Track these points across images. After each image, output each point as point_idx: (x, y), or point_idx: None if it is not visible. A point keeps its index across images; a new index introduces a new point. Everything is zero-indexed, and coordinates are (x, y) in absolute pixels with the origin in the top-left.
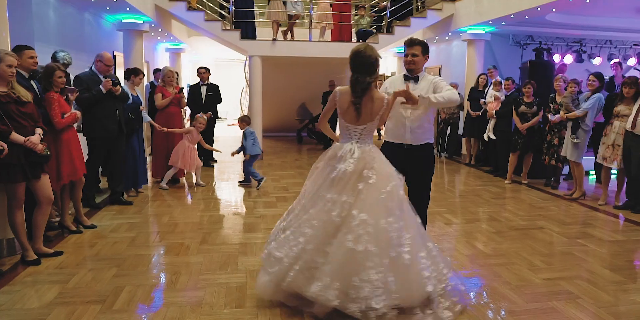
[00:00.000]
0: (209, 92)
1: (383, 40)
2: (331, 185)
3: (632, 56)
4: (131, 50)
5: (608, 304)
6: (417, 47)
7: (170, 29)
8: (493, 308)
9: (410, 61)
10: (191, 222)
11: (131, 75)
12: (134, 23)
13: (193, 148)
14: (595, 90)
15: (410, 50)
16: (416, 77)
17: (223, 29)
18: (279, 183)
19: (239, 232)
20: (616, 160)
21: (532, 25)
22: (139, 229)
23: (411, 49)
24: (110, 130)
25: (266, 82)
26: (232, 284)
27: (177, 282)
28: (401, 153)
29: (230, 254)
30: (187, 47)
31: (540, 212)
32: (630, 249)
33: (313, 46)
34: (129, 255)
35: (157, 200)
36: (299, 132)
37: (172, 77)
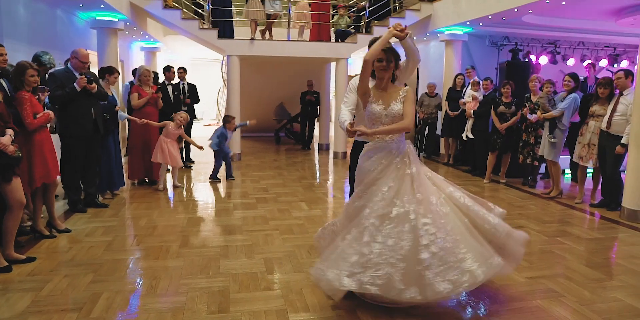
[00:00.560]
0: (175, 92)
1: (362, 40)
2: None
3: (603, 57)
4: (105, 48)
5: (590, 301)
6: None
7: (146, 27)
8: (479, 308)
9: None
10: (170, 224)
11: (105, 74)
12: (109, 21)
13: (172, 142)
14: (571, 91)
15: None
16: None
17: (200, 28)
18: (259, 184)
19: (219, 234)
20: (592, 159)
21: (509, 27)
22: (115, 232)
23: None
24: (86, 130)
25: (244, 81)
26: (214, 288)
27: (157, 288)
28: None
29: (211, 258)
30: (162, 46)
31: (519, 211)
32: (607, 246)
33: (291, 46)
34: (106, 260)
35: (134, 203)
36: (277, 133)
37: (149, 76)
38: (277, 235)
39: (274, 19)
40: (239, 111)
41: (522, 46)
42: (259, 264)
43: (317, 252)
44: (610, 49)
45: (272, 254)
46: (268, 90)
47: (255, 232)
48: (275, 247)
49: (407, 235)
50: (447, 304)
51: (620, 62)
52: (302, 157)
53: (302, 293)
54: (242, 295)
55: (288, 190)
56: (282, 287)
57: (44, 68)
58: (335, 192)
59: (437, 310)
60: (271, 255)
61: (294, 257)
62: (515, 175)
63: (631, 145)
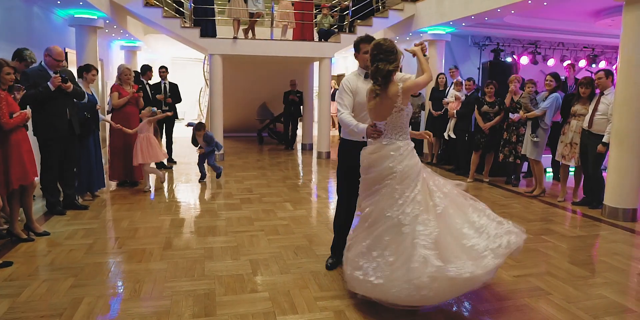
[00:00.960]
0: (153, 91)
1: (345, 39)
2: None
3: (582, 58)
4: (84, 47)
5: (576, 298)
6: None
7: (126, 25)
8: (468, 307)
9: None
10: (152, 226)
11: (83, 72)
12: (87, 18)
13: (147, 137)
14: (553, 90)
15: (368, 46)
16: None
17: (182, 26)
18: (242, 184)
19: (203, 236)
20: (574, 158)
21: (491, 27)
22: (96, 235)
23: (369, 46)
24: (60, 130)
25: (226, 81)
26: (199, 291)
27: (141, 291)
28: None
29: (196, 260)
30: (143, 45)
31: (503, 210)
32: (590, 243)
33: (275, 45)
34: (87, 263)
35: (116, 204)
36: (260, 133)
37: (129, 75)
38: (262, 236)
39: (257, 17)
40: (221, 111)
41: (504, 46)
42: (244, 265)
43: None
44: (589, 50)
45: (258, 255)
46: (251, 89)
47: (240, 233)
48: (260, 248)
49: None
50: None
51: (599, 63)
52: (286, 157)
53: (290, 295)
54: (228, 298)
55: (272, 190)
56: (269, 289)
57: (26, 63)
58: (319, 192)
59: (426, 310)
60: (257, 257)
61: (280, 258)
62: (498, 174)
63: (612, 144)
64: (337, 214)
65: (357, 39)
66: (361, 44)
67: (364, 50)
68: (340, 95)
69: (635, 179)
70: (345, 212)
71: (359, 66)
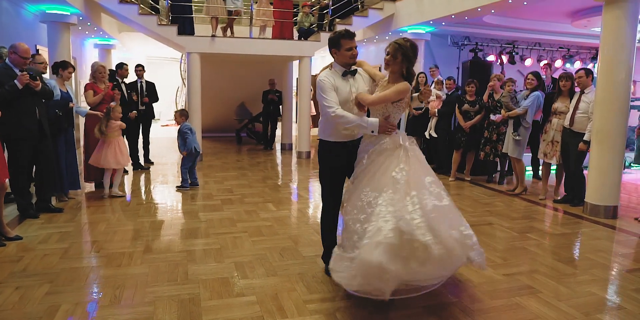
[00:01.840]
0: (129, 90)
1: (325, 38)
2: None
3: (558, 58)
4: (57, 44)
5: (567, 296)
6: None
7: (100, 23)
8: (461, 307)
9: (356, 54)
10: (131, 229)
11: (59, 68)
12: (60, 14)
13: (120, 141)
14: (534, 89)
15: (353, 42)
16: (354, 70)
17: (159, 24)
18: (223, 185)
19: (184, 238)
20: (555, 156)
21: (470, 27)
22: (72, 238)
23: (353, 42)
24: (30, 130)
25: (204, 80)
26: (183, 296)
27: (121, 297)
28: (345, 151)
29: (178, 263)
30: (117, 43)
31: (486, 208)
32: (574, 241)
33: (254, 43)
34: (63, 269)
35: (92, 206)
36: (238, 132)
37: (104, 72)
38: (246, 237)
39: (236, 16)
40: (199, 111)
41: (482, 46)
42: (229, 268)
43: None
44: (565, 50)
45: (243, 257)
46: (229, 89)
47: (223, 235)
48: (245, 250)
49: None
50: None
51: (574, 63)
52: (265, 157)
53: (278, 298)
54: (214, 303)
55: (253, 191)
56: (256, 292)
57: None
58: (301, 192)
59: (418, 310)
60: (242, 259)
61: (265, 260)
62: (480, 173)
63: (593, 142)
64: (326, 220)
65: (336, 34)
66: (343, 40)
67: (346, 46)
68: (325, 93)
69: (616, 177)
70: (333, 217)
71: (336, 63)
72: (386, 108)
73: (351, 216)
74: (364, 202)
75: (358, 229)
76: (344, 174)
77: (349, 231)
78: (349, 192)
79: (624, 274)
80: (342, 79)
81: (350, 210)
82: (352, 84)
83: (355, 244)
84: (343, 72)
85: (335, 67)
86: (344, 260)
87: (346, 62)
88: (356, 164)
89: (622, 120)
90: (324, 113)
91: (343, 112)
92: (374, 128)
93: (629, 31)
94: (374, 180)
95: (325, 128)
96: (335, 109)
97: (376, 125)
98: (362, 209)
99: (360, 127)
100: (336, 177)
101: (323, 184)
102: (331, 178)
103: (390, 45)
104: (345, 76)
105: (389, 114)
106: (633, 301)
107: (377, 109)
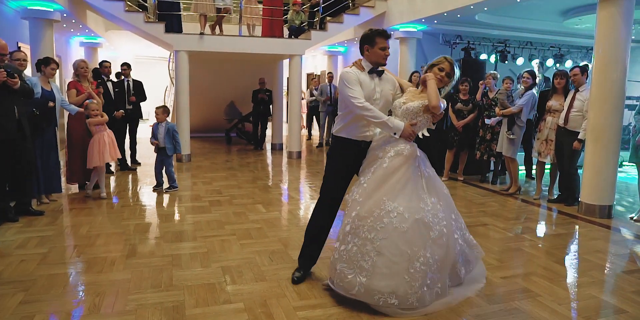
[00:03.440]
0: (117, 89)
1: (316, 36)
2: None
3: (549, 57)
4: (39, 41)
5: (567, 300)
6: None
7: (86, 20)
8: (460, 312)
9: (388, 55)
10: (115, 232)
11: (41, 65)
12: (42, 11)
13: (102, 137)
14: (529, 87)
15: (387, 43)
16: (382, 70)
17: (146, 21)
18: (211, 186)
19: (170, 242)
20: (549, 154)
21: (462, 25)
22: (52, 243)
23: (388, 43)
24: (7, 131)
25: (193, 79)
26: (167, 303)
27: (101, 306)
28: (356, 150)
29: (163, 268)
30: (104, 41)
31: (481, 208)
32: (571, 241)
33: (243, 41)
34: (40, 275)
35: (74, 209)
36: (228, 132)
37: (86, 68)
38: (234, 240)
39: (225, 13)
40: (187, 110)
41: (474, 45)
42: (216, 273)
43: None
44: (556, 49)
45: (230, 261)
46: (218, 88)
47: (210, 238)
48: (233, 254)
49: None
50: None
51: (565, 62)
52: (255, 157)
53: (267, 305)
54: (200, 311)
55: (243, 192)
56: (244, 298)
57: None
58: (292, 193)
59: (415, 317)
60: (229, 264)
61: (254, 265)
62: (473, 172)
63: (588, 140)
64: (318, 219)
65: (373, 31)
66: (379, 38)
67: (381, 45)
68: (352, 85)
69: (610, 176)
70: (329, 216)
71: (365, 60)
72: (417, 115)
73: (365, 223)
74: (382, 211)
75: (370, 252)
76: (351, 173)
77: (358, 244)
78: (360, 192)
79: (622, 275)
80: (368, 76)
81: (367, 216)
82: (377, 83)
83: (365, 268)
84: (370, 69)
85: (364, 63)
86: (352, 282)
87: (377, 61)
88: (369, 159)
89: (617, 118)
90: (348, 105)
91: (370, 106)
92: (398, 131)
93: (623, 28)
94: (394, 191)
95: (342, 123)
96: (362, 101)
97: (401, 129)
98: (379, 218)
99: (384, 125)
100: (341, 175)
101: (326, 179)
102: (335, 175)
103: (447, 64)
104: (371, 74)
105: (417, 122)
106: (634, 304)
107: (408, 113)
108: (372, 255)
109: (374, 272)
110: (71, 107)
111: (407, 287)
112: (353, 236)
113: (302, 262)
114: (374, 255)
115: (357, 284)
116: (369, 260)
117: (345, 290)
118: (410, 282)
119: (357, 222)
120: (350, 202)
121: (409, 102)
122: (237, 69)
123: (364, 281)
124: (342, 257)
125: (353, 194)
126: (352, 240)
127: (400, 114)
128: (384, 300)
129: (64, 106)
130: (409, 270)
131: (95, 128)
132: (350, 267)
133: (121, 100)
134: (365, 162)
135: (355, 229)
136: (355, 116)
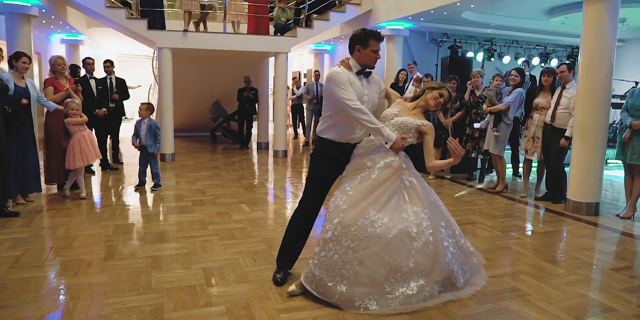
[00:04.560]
0: (99, 86)
1: (302, 34)
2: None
3: (535, 56)
4: (16, 37)
5: (557, 298)
6: None
7: (66, 16)
8: (447, 313)
9: (379, 58)
10: (93, 233)
11: (12, 60)
12: (19, 5)
13: (82, 138)
14: (517, 85)
15: (379, 46)
16: (369, 72)
17: (128, 18)
18: (195, 185)
19: (150, 242)
20: (536, 152)
21: (448, 23)
22: (26, 245)
23: (379, 46)
24: None
25: (177, 77)
26: (145, 307)
27: (75, 310)
28: (341, 153)
29: (141, 270)
30: (86, 39)
31: (468, 206)
32: (558, 239)
33: (228, 39)
34: (11, 279)
35: (52, 210)
36: (213, 131)
37: (63, 64)
38: (216, 241)
39: (209, 10)
40: (171, 109)
41: (461, 43)
42: (197, 275)
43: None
44: (542, 48)
45: (212, 263)
46: (203, 86)
47: (192, 239)
48: (215, 255)
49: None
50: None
51: (550, 61)
52: (240, 156)
53: (249, 307)
54: (179, 315)
55: (227, 191)
56: (226, 301)
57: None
58: (277, 192)
59: (402, 317)
60: (211, 265)
61: (237, 266)
62: (460, 170)
63: (575, 138)
64: (298, 220)
65: (367, 32)
66: (372, 40)
67: (373, 48)
68: (344, 86)
69: (597, 173)
70: (311, 218)
71: (353, 60)
72: (410, 131)
73: (348, 231)
74: (366, 221)
75: (352, 261)
76: (335, 175)
77: (340, 252)
78: (345, 199)
79: (610, 273)
80: (355, 76)
81: (350, 224)
82: (365, 85)
83: (346, 276)
84: (358, 71)
85: (352, 63)
86: (332, 290)
87: (366, 64)
88: (356, 166)
89: (604, 116)
90: (337, 106)
91: (367, 109)
92: (390, 141)
93: (610, 25)
94: (379, 202)
95: (327, 124)
96: (358, 103)
97: (393, 140)
98: (363, 228)
99: (377, 132)
100: (324, 177)
101: (309, 181)
102: (318, 178)
103: (447, 93)
104: (359, 75)
105: (407, 138)
106: (623, 302)
107: (402, 127)
108: (354, 264)
109: (356, 281)
110: (49, 103)
111: (387, 295)
112: (335, 244)
113: (282, 263)
114: (355, 265)
115: (337, 292)
116: (351, 269)
117: (325, 297)
118: (390, 291)
119: (340, 229)
120: (332, 207)
121: (403, 117)
122: (222, 67)
123: (345, 290)
124: (323, 264)
125: (336, 199)
126: (333, 247)
127: (391, 125)
128: (365, 307)
129: (41, 102)
130: (389, 280)
131: (74, 128)
132: (331, 274)
133: (104, 98)
134: (351, 166)
135: (338, 237)
136: (341, 118)
